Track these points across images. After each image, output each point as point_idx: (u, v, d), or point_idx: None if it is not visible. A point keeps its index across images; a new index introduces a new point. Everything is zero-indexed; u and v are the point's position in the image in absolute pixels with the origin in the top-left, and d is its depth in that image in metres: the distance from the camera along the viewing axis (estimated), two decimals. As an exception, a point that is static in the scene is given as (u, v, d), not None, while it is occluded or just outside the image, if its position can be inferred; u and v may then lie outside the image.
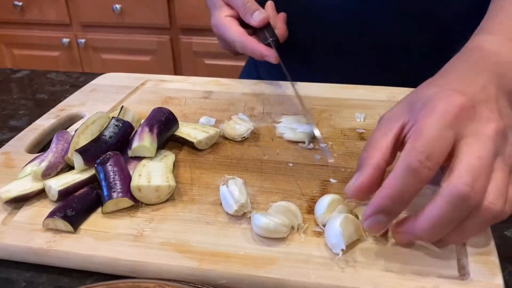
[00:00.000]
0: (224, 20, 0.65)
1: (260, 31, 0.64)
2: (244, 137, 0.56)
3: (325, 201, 0.42)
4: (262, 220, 0.39)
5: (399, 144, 0.37)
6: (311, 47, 0.75)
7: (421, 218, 0.34)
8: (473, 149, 0.33)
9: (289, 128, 0.56)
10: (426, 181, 0.34)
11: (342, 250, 0.37)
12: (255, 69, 0.88)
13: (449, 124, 0.34)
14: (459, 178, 0.32)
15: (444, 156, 0.34)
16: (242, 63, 1.01)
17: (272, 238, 0.40)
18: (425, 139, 0.34)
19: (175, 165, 0.51)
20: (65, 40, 2.05)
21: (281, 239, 0.40)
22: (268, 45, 0.63)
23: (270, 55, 0.62)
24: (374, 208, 0.35)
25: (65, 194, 0.44)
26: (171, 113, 0.54)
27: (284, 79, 0.71)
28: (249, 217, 0.42)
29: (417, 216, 0.35)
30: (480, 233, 0.37)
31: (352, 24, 0.71)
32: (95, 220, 0.43)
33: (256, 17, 0.63)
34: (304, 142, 0.54)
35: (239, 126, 0.57)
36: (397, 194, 0.34)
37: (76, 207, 0.42)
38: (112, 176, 0.44)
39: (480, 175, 0.33)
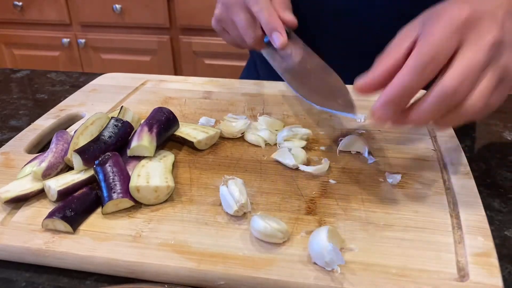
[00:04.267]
0: None
1: None
2: (243, 133, 0.56)
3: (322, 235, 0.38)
4: (260, 223, 0.39)
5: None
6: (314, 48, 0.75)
7: (415, 109, 0.39)
8: (467, 56, 0.38)
9: (253, 129, 0.56)
10: (428, 79, 0.38)
11: (340, 265, 0.36)
12: (255, 70, 0.88)
13: (454, 30, 0.38)
14: (448, 79, 0.37)
15: (447, 58, 0.38)
16: (242, 63, 1.01)
17: (271, 240, 0.40)
18: (431, 42, 0.38)
19: (175, 165, 0.51)
20: (65, 40, 2.05)
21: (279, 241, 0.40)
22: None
23: (281, 32, 0.58)
24: (385, 98, 0.39)
25: (65, 194, 0.44)
26: (171, 113, 0.53)
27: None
28: (249, 218, 0.42)
29: (412, 107, 0.40)
30: (454, 124, 0.41)
31: (356, 27, 0.71)
32: (94, 221, 0.43)
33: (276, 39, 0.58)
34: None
35: (235, 123, 0.57)
36: (403, 88, 0.38)
37: (75, 208, 0.42)
38: (111, 177, 0.44)
39: (467, 79, 0.37)
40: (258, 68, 0.88)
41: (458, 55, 0.38)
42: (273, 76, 0.72)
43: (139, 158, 0.49)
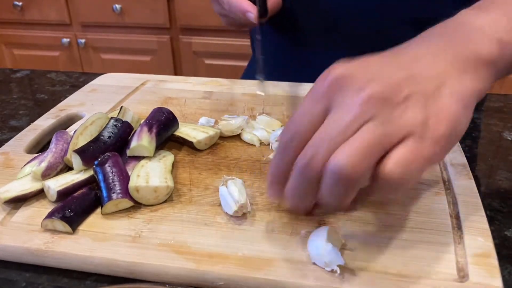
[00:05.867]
0: None
1: None
2: (243, 128, 0.56)
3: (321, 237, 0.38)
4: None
5: None
6: (312, 47, 0.75)
7: (286, 189, 0.36)
8: (330, 120, 0.33)
9: (248, 128, 0.57)
10: (296, 153, 0.34)
11: (339, 265, 0.36)
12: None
13: (317, 99, 0.34)
14: (304, 153, 0.33)
15: (310, 133, 0.33)
16: (242, 63, 1.01)
17: (271, 240, 0.40)
18: (293, 118, 0.35)
19: (174, 165, 0.51)
20: (65, 40, 2.05)
21: (279, 241, 0.40)
22: (253, 2, 0.60)
23: (252, 11, 0.59)
24: (267, 179, 0.38)
25: (64, 194, 0.44)
26: (171, 113, 0.53)
27: (284, 80, 0.71)
28: (248, 219, 0.42)
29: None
30: (343, 198, 0.34)
31: (354, 25, 0.71)
32: (93, 221, 0.43)
33: None
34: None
35: (234, 121, 0.57)
36: (275, 167, 0.37)
37: (74, 208, 0.42)
38: (111, 177, 0.44)
39: (323, 142, 0.32)
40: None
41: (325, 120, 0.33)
42: (275, 76, 0.72)
43: (138, 158, 0.49)
